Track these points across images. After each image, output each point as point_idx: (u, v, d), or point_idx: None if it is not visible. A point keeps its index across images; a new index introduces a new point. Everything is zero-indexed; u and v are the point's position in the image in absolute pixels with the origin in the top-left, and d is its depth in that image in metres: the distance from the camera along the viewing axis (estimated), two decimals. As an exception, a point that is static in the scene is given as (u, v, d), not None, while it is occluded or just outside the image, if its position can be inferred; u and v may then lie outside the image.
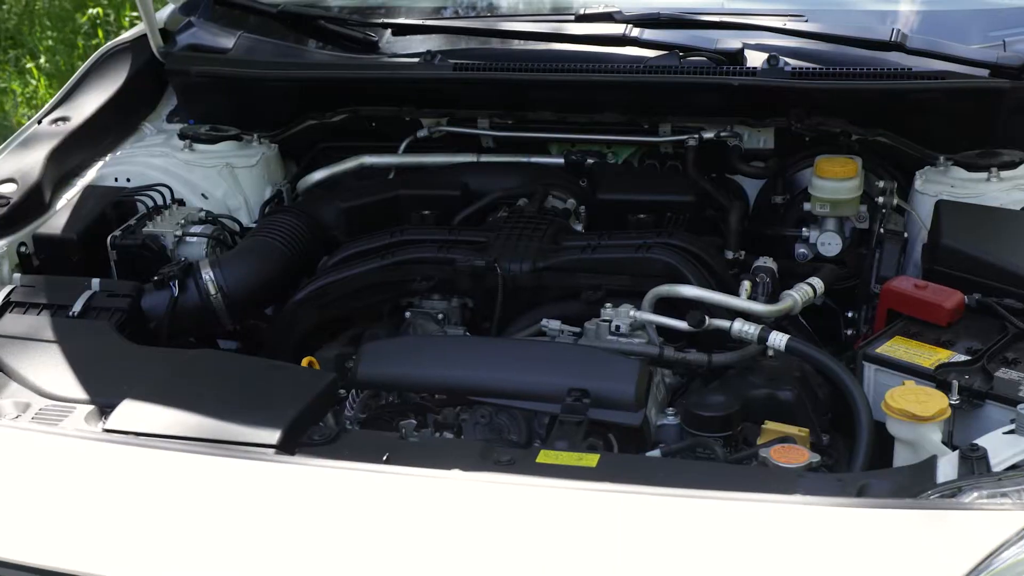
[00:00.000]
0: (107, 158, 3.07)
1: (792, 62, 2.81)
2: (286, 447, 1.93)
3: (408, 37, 3.18)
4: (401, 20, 3.19)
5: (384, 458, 1.84)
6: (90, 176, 3.01)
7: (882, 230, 2.61)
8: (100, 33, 7.32)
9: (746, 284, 2.45)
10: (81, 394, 2.15)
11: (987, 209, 2.55)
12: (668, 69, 2.81)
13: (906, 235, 2.62)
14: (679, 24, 2.96)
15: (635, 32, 2.90)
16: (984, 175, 2.66)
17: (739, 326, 2.29)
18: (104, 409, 2.09)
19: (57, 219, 2.80)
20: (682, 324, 2.34)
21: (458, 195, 2.86)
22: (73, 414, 2.09)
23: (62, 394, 2.16)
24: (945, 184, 2.69)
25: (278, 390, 2.11)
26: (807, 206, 2.83)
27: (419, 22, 3.17)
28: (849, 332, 2.69)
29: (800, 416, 2.24)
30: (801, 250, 2.86)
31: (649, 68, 2.82)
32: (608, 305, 2.39)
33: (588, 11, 3.03)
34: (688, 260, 2.48)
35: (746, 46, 2.88)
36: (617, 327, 2.34)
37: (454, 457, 1.90)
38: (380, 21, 3.20)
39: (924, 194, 2.70)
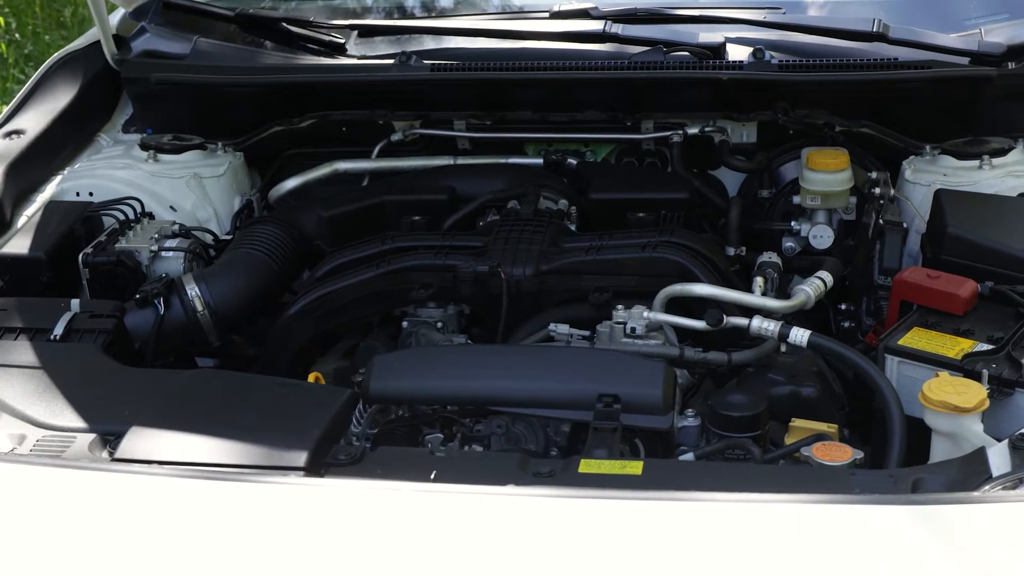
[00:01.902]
0: (65, 172, 2.93)
1: (776, 55, 2.79)
2: (314, 469, 1.83)
3: (374, 39, 3.09)
4: (368, 21, 3.10)
5: (432, 476, 1.75)
6: (49, 191, 2.86)
7: (881, 221, 2.59)
8: (3, 47, 7.04)
9: (759, 280, 2.42)
10: (79, 422, 2.02)
11: (987, 197, 2.55)
12: (654, 64, 2.76)
13: (912, 225, 2.60)
14: (657, 19, 2.92)
15: (616, 28, 2.85)
16: (975, 163, 2.67)
17: (758, 323, 2.25)
18: (107, 437, 1.97)
19: (21, 238, 2.65)
20: (698, 324, 2.29)
21: (445, 199, 2.78)
22: (75, 444, 1.96)
23: (58, 423, 2.02)
24: (937, 173, 2.69)
25: (294, 409, 2.01)
26: (796, 199, 2.81)
27: (388, 23, 3.08)
28: (846, 324, 2.67)
29: (823, 412, 2.21)
30: (788, 244, 2.83)
31: (635, 64, 2.77)
32: (620, 307, 2.33)
33: (563, 8, 2.97)
34: (695, 258, 2.44)
35: (727, 40, 2.85)
36: (632, 329, 2.28)
37: (491, 471, 1.83)
38: (347, 23, 3.10)
39: (916, 184, 2.70)
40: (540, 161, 2.96)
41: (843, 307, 2.71)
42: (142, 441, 1.90)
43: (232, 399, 2.06)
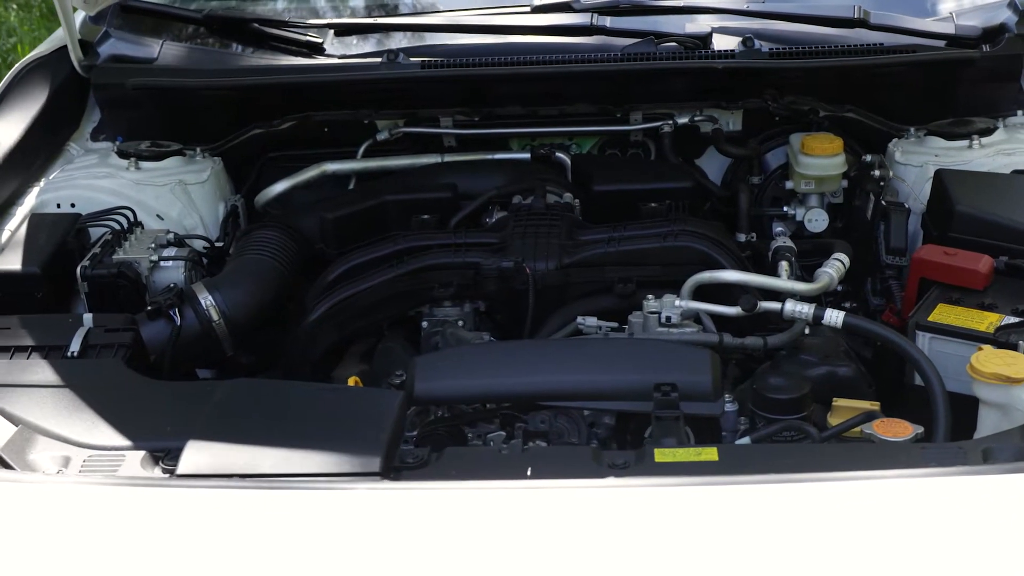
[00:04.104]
0: (41, 183, 2.81)
1: (763, 43, 2.83)
2: (388, 473, 1.80)
3: (352, 37, 3.05)
4: (345, 20, 3.05)
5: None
6: (28, 204, 2.74)
7: (884, 202, 2.65)
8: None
9: (784, 265, 2.45)
10: (123, 440, 1.95)
11: (987, 175, 2.62)
12: (648, 56, 2.78)
13: (907, 205, 2.66)
14: (640, 11, 2.94)
15: (604, 21, 2.86)
16: (965, 143, 2.74)
17: (791, 306, 2.28)
18: (156, 454, 1.90)
19: (10, 253, 2.53)
20: (731, 310, 2.31)
21: (448, 197, 2.75)
22: (125, 462, 1.89)
23: (101, 442, 1.94)
24: (927, 154, 2.76)
25: (350, 414, 1.96)
26: (789, 184, 2.86)
27: (367, 21, 3.03)
28: (848, 305, 2.72)
29: (858, 391, 2.24)
30: (779, 228, 2.88)
31: (629, 55, 2.77)
32: (650, 296, 2.33)
33: (545, 1, 2.97)
34: (715, 245, 2.46)
35: (713, 30, 2.88)
36: (668, 318, 2.29)
37: (568, 465, 1.82)
38: (324, 22, 3.05)
39: (907, 165, 2.76)
40: (527, 156, 2.95)
41: (839, 288, 2.75)
42: (204, 455, 1.84)
43: (283, 408, 2.01)
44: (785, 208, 2.86)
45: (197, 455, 1.84)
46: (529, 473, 1.73)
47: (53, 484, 1.83)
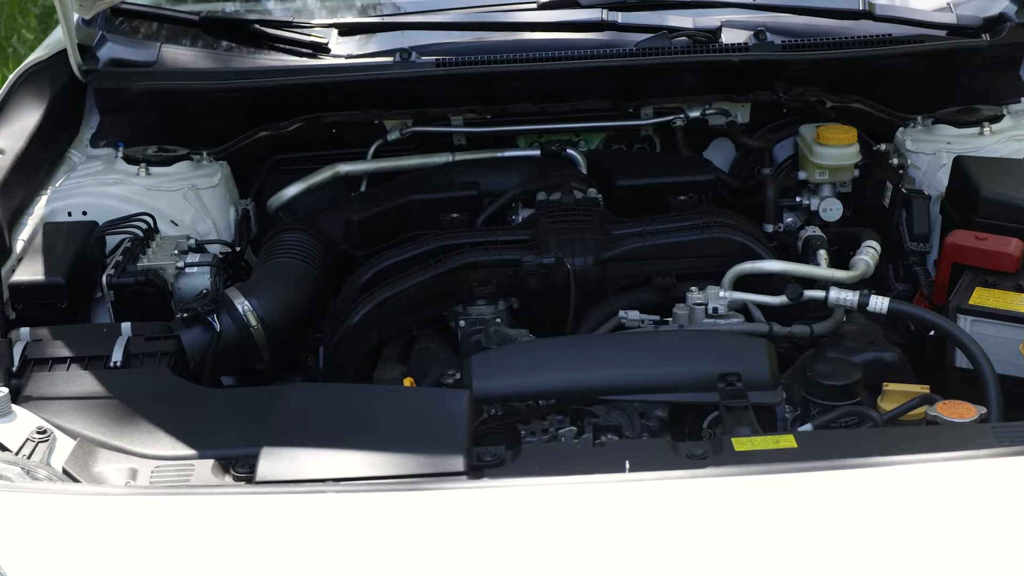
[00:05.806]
0: (48, 191, 2.74)
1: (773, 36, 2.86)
2: (472, 472, 1.78)
3: (354, 37, 3.01)
4: (349, 19, 3.02)
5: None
6: (38, 212, 2.67)
7: (904, 190, 2.69)
8: None
9: (823, 253, 2.48)
10: (187, 450, 1.91)
11: (1005, 160, 2.66)
12: (664, 50, 2.79)
13: (927, 192, 2.71)
14: (649, 5, 2.95)
15: (616, 16, 2.86)
16: (975, 130, 2.79)
17: (835, 294, 2.30)
18: (223, 462, 1.87)
19: (30, 263, 2.46)
20: (776, 300, 2.33)
21: (473, 195, 2.73)
22: (196, 472, 1.85)
23: (166, 452, 1.91)
24: (939, 142, 2.81)
25: (420, 415, 1.95)
26: (802, 175, 2.88)
27: (374, 19, 3.00)
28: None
29: (904, 374, 2.28)
30: (789, 219, 2.91)
31: (644, 50, 2.78)
32: (693, 288, 2.35)
33: (550, -4, 2.97)
34: (750, 236, 2.48)
35: (723, 24, 2.91)
36: (715, 309, 2.31)
37: (650, 457, 1.82)
38: (328, 22, 3.01)
39: (919, 153, 2.81)
40: (536, 153, 2.95)
41: None
42: (282, 462, 1.81)
43: (349, 411, 1.98)
44: (798, 198, 2.89)
45: (274, 461, 1.81)
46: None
47: (130, 496, 1.78)
